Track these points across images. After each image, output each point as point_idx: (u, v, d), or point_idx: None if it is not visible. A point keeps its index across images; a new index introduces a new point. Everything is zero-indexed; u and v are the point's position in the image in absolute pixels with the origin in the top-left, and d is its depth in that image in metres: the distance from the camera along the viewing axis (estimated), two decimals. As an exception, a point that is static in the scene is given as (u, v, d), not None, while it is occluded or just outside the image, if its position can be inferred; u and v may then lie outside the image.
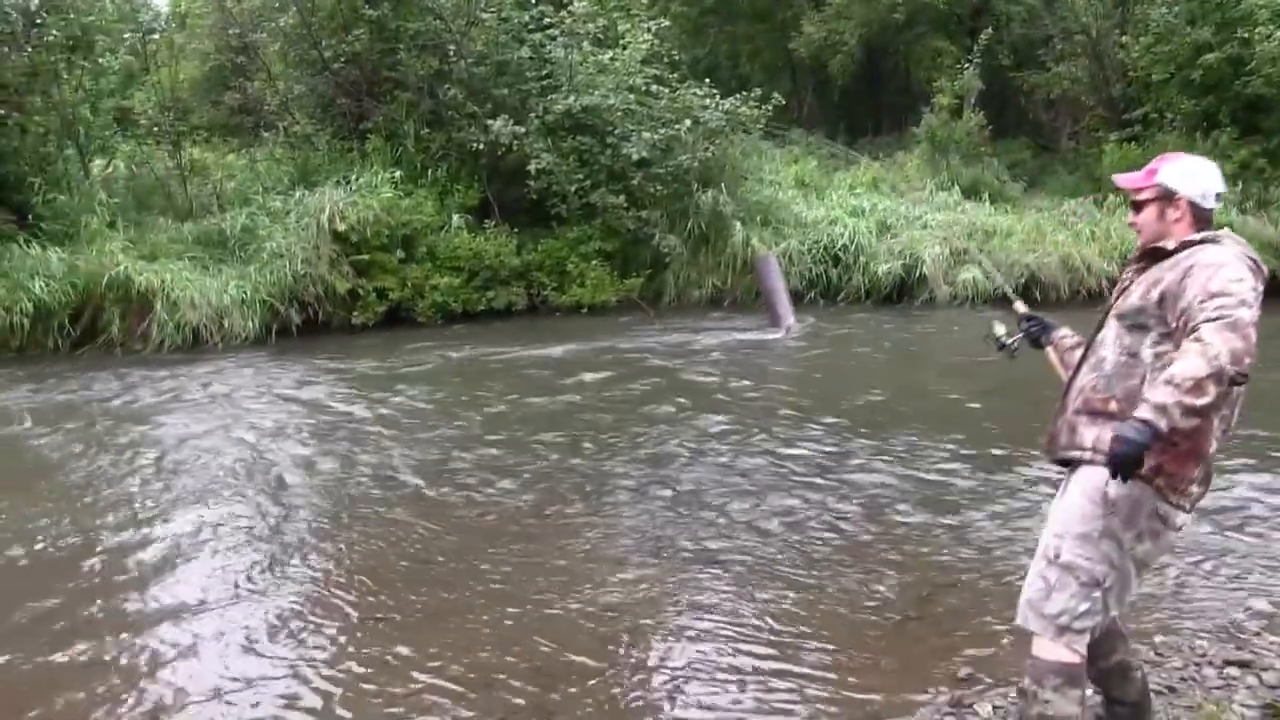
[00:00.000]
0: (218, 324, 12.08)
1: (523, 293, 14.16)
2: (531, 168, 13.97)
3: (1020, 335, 3.44)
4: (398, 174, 14.21)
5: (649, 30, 15.72)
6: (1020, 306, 3.54)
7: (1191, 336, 2.56)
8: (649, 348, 11.56)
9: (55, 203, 13.14)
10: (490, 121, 14.13)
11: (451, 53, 15.02)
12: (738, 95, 15.60)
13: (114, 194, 14.11)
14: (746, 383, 9.77)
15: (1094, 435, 2.85)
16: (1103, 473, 2.68)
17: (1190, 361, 2.52)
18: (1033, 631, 2.91)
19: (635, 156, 14.20)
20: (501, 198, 14.93)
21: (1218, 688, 3.72)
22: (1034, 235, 15.38)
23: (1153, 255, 2.90)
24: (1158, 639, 4.16)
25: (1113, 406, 2.83)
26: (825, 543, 5.40)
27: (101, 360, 11.34)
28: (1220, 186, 2.94)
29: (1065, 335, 3.33)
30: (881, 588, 4.79)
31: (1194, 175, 2.92)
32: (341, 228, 13.13)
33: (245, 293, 12.46)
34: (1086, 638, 2.86)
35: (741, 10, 24.87)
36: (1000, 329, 3.51)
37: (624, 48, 15.39)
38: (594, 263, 14.22)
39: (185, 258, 12.92)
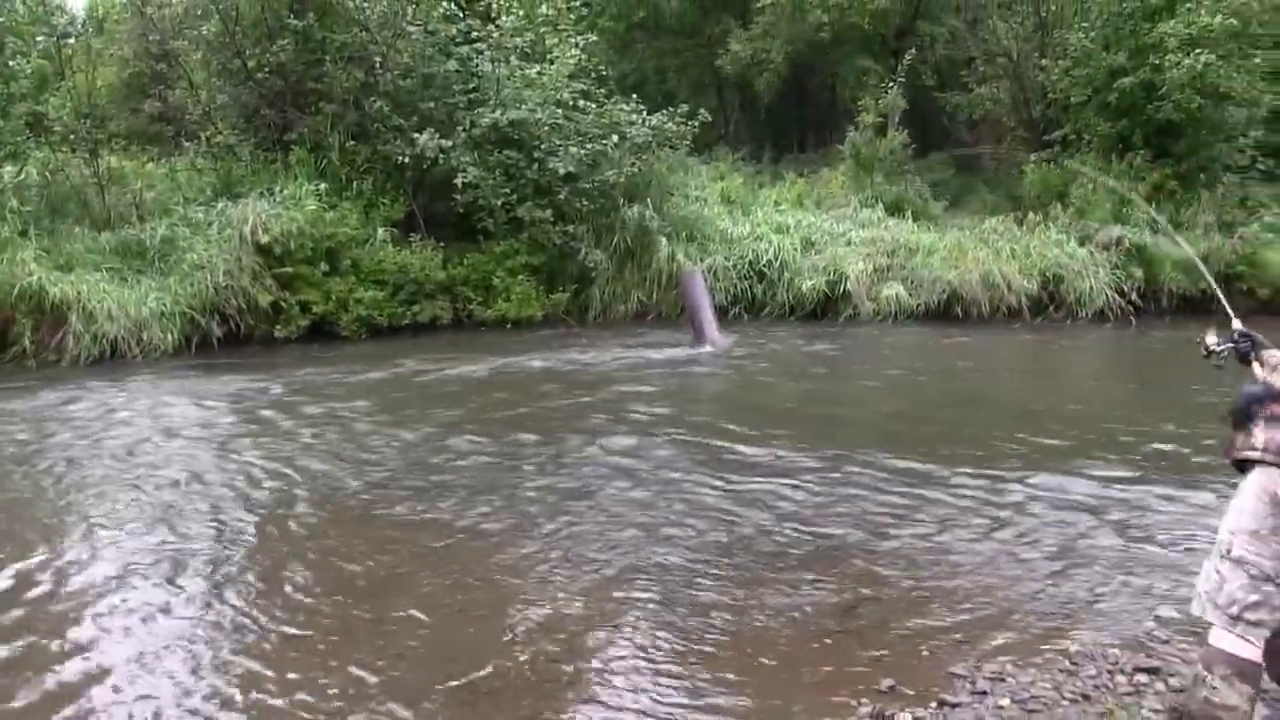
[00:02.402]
0: (136, 336, 11.90)
1: (448, 307, 14.12)
2: (458, 181, 13.95)
3: (1229, 345, 3.51)
4: (322, 186, 14.12)
5: (577, 45, 15.80)
6: (1238, 325, 3.59)
7: None
8: (574, 362, 11.57)
9: (-38, 210, 12.82)
10: (416, 135, 14.09)
11: (378, 65, 14.94)
12: (664, 111, 15.73)
13: (26, 202, 13.71)
14: (671, 398, 9.81)
15: (1266, 438, 2.98)
16: (1275, 474, 2.89)
17: None
18: (1210, 622, 3.02)
19: (562, 171, 14.25)
20: (427, 211, 14.91)
21: (1128, 694, 3.84)
22: (955, 253, 15.66)
23: None
24: (1073, 648, 4.27)
25: None
26: (749, 556, 5.43)
27: (13, 373, 11.07)
28: None
29: (1275, 353, 3.37)
30: (804, 600, 4.83)
31: None
32: (264, 240, 13.01)
33: (165, 305, 12.31)
34: (1261, 632, 2.94)
35: (669, 26, 25.02)
36: (1213, 339, 3.58)
37: (551, 62, 15.45)
38: (520, 277, 14.23)
39: (102, 268, 12.68)
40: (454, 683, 4.07)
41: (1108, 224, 16.12)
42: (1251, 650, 2.94)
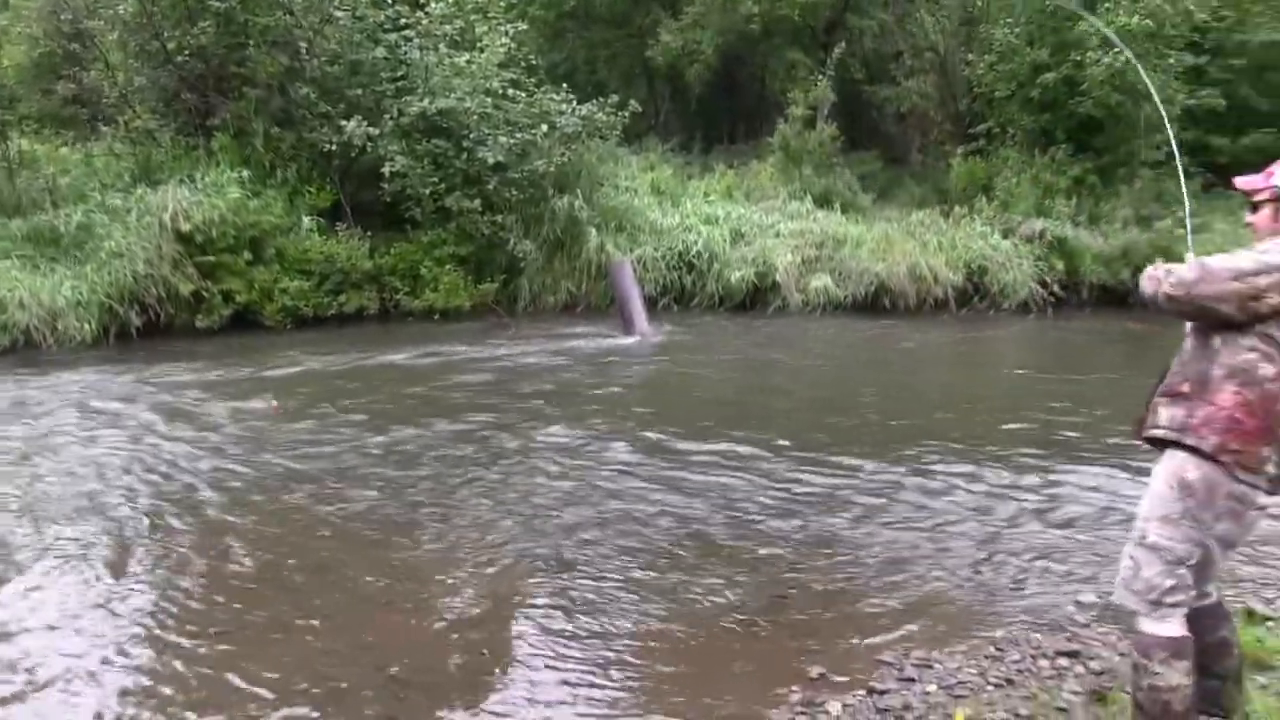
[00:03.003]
0: (50, 326, 11.58)
1: (375, 297, 13.93)
2: (385, 170, 13.74)
3: None
4: (246, 174, 13.79)
5: (506, 34, 15.63)
6: (1190, 257, 3.57)
7: None
8: (502, 353, 11.49)
9: None
10: (343, 122, 13.84)
11: (303, 50, 14.63)
12: (594, 101, 15.66)
13: (-73, 186, 13.31)
14: (598, 389, 9.79)
15: (1169, 415, 3.04)
16: (1181, 458, 2.96)
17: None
18: (1131, 609, 3.09)
19: (491, 160, 14.08)
20: (354, 200, 14.67)
21: (1050, 677, 3.94)
22: (883, 245, 15.82)
23: None
24: (998, 634, 4.37)
25: (1185, 389, 3.02)
26: (676, 547, 5.46)
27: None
28: None
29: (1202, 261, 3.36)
30: (733, 591, 4.86)
31: None
32: (186, 228, 12.70)
33: (81, 294, 11.99)
34: (1181, 611, 3.02)
35: (600, 16, 24.91)
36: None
37: (481, 51, 15.25)
38: (448, 267, 14.07)
39: (13, 256, 12.31)
40: (384, 676, 4.03)
41: (1031, 217, 16.43)
42: (1179, 628, 3.03)
